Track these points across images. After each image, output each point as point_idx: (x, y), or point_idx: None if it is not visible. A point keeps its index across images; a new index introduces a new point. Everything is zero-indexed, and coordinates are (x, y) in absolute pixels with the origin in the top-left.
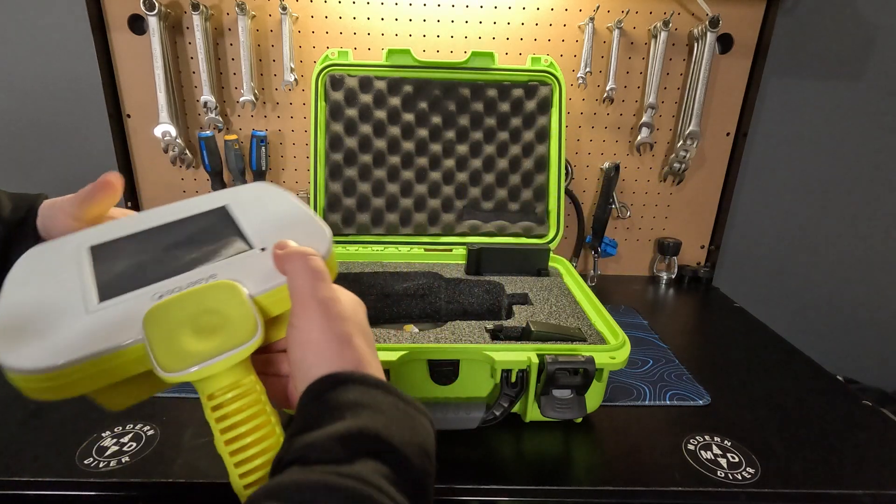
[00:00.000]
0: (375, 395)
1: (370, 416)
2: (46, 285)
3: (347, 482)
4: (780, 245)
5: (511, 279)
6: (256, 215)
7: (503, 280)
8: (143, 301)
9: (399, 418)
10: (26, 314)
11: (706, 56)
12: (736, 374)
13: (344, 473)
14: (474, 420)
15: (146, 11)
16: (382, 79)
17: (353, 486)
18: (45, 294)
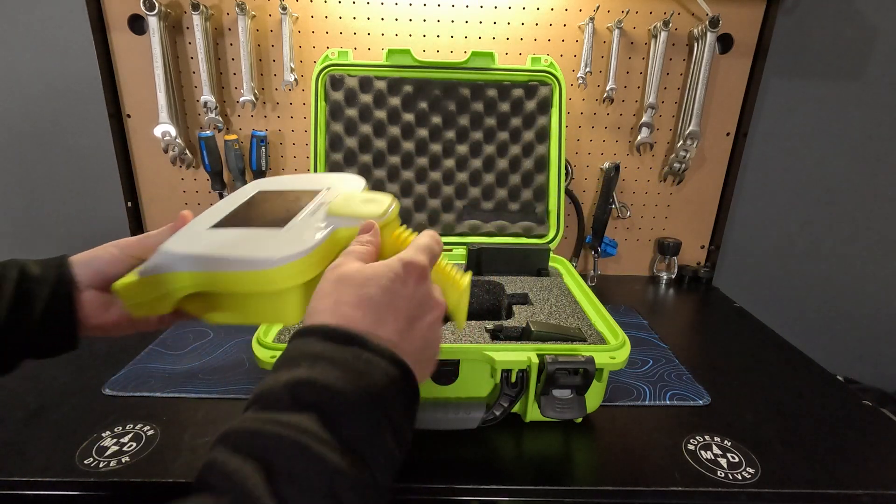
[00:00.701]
0: (340, 348)
1: (324, 367)
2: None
3: (286, 430)
4: (780, 245)
5: (511, 279)
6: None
7: (503, 280)
8: (311, 217)
9: (357, 370)
10: (237, 241)
11: (706, 56)
12: (736, 374)
13: (284, 422)
14: (474, 420)
15: (146, 11)
16: (382, 79)
17: (291, 435)
18: (238, 231)
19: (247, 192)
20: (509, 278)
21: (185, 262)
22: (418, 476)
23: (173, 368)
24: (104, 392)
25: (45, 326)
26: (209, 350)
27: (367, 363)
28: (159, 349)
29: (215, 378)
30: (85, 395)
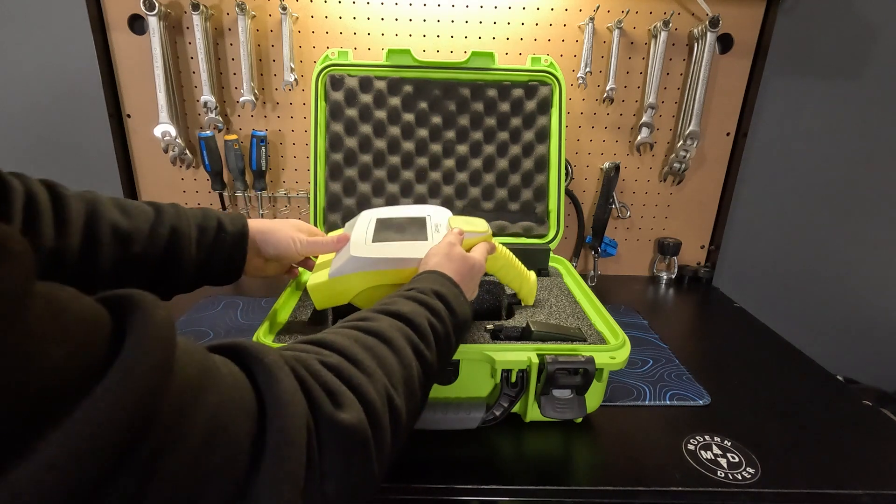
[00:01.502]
0: (451, 285)
1: (447, 289)
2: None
3: (434, 302)
4: (780, 245)
5: None
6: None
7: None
8: (439, 232)
9: (458, 298)
10: (403, 248)
11: (706, 56)
12: (736, 374)
13: (430, 302)
14: (474, 420)
15: (146, 11)
16: (382, 79)
17: (436, 305)
18: (398, 242)
19: (369, 218)
20: None
21: (369, 263)
22: (418, 476)
23: None
24: None
25: (224, 268)
26: None
27: (462, 301)
28: None
29: None
30: None
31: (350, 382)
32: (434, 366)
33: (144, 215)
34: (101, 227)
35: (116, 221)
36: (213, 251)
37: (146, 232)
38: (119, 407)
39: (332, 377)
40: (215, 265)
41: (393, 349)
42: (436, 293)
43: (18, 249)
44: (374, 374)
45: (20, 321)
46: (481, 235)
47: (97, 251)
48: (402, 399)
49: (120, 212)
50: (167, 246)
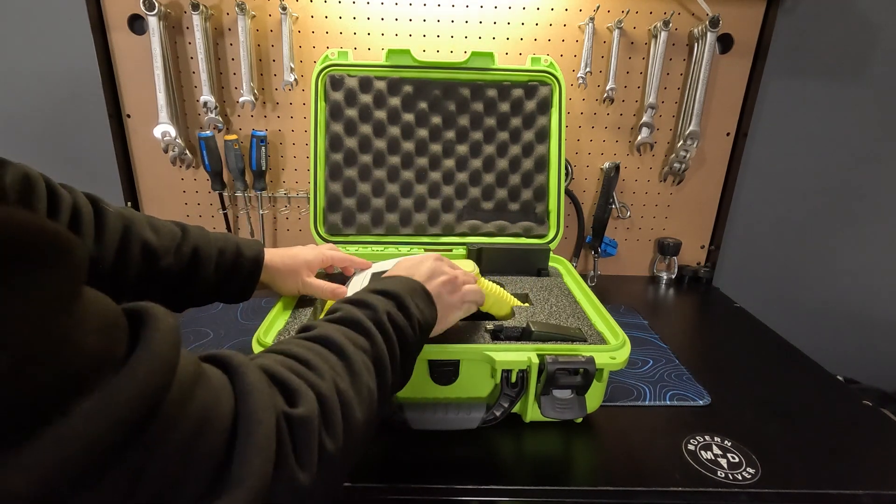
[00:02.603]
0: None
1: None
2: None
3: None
4: (780, 245)
5: (511, 279)
6: None
7: (503, 280)
8: None
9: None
10: None
11: (706, 56)
12: (736, 374)
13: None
14: (474, 420)
15: (146, 11)
16: (382, 79)
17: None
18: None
19: (365, 274)
20: (509, 278)
21: None
22: (418, 476)
23: None
24: None
25: (237, 291)
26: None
27: (432, 311)
28: None
29: None
30: None
31: (305, 379)
32: (385, 359)
33: (171, 234)
34: (133, 243)
35: (147, 239)
36: (229, 274)
37: (172, 250)
38: (135, 392)
39: (289, 374)
40: (230, 287)
41: (336, 350)
42: (380, 292)
43: (77, 251)
44: (324, 372)
45: (73, 310)
46: (474, 270)
47: (127, 263)
48: (354, 394)
49: (151, 230)
50: (189, 264)
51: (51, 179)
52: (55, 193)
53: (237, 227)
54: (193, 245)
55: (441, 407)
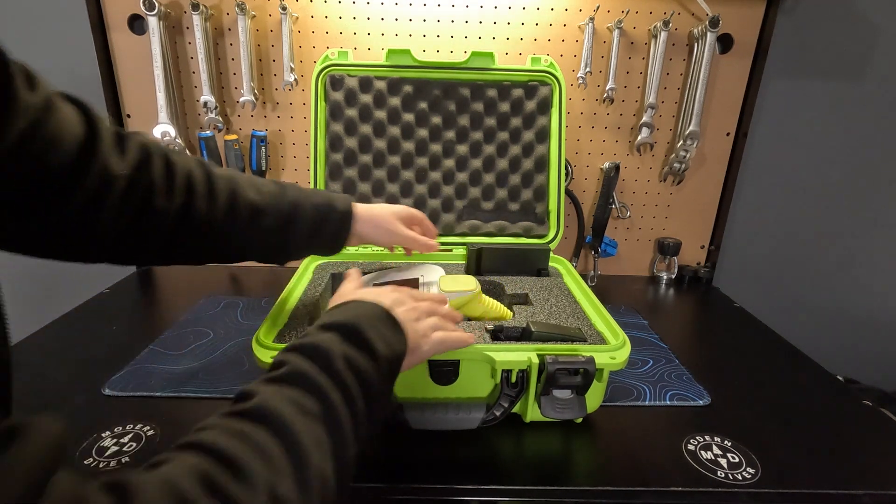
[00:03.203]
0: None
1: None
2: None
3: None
4: (780, 245)
5: (511, 279)
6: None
7: (503, 280)
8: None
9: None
10: None
11: (706, 56)
12: (736, 374)
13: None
14: (474, 420)
15: (146, 11)
16: (382, 79)
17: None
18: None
19: (365, 282)
20: (509, 278)
21: None
22: (418, 476)
23: (173, 368)
24: (104, 392)
25: (329, 242)
26: (209, 350)
27: (400, 340)
28: (159, 349)
29: (215, 378)
30: (85, 395)
31: (227, 497)
32: (345, 422)
33: (272, 193)
34: (240, 203)
35: (252, 199)
36: (322, 226)
37: (273, 205)
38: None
39: (202, 495)
40: (323, 238)
41: (277, 430)
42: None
43: None
44: (256, 479)
45: None
46: (469, 294)
47: (235, 221)
48: (299, 494)
49: (255, 191)
50: (287, 219)
51: (167, 148)
52: (170, 162)
53: None
54: (291, 200)
55: (441, 407)
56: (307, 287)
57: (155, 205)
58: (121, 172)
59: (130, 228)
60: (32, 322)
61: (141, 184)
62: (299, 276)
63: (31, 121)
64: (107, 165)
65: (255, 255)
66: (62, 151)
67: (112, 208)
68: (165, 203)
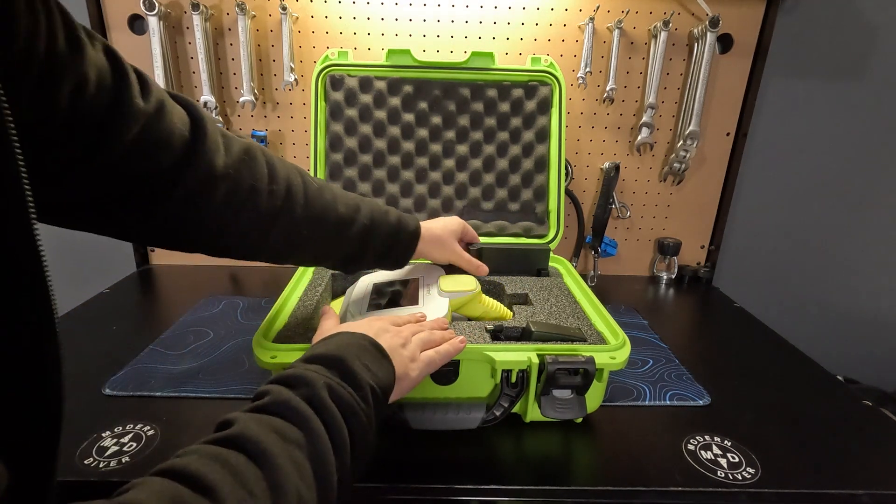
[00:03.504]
0: (379, 356)
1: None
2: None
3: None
4: (780, 245)
5: (511, 279)
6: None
7: (503, 280)
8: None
9: (372, 360)
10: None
11: (706, 56)
12: (736, 374)
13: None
14: (474, 420)
15: (146, 11)
16: (382, 79)
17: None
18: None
19: (366, 284)
20: (509, 278)
21: None
22: (418, 476)
23: (173, 368)
24: (104, 392)
25: (395, 261)
26: (209, 350)
27: (387, 368)
28: (159, 349)
29: (215, 378)
30: (85, 395)
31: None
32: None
33: (354, 206)
34: (331, 215)
35: (341, 212)
36: (394, 245)
37: (356, 220)
38: None
39: None
40: (393, 257)
41: (256, 456)
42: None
43: None
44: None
45: None
46: (469, 294)
47: (323, 231)
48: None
49: (343, 204)
50: (364, 237)
51: (269, 152)
52: (272, 165)
53: None
54: (369, 217)
55: (441, 407)
56: (307, 287)
57: (256, 204)
58: (225, 171)
59: (231, 224)
60: None
61: (244, 183)
62: (299, 276)
63: (143, 125)
64: (211, 163)
65: (328, 263)
66: (170, 151)
67: (214, 204)
68: (267, 203)
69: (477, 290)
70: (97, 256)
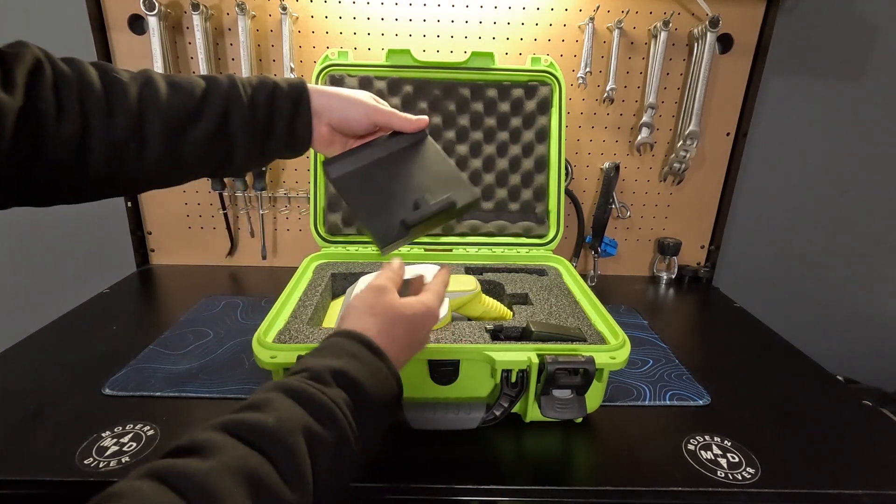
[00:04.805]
0: (369, 355)
1: (357, 366)
2: None
3: (324, 397)
4: (781, 245)
5: (511, 279)
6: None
7: (503, 280)
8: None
9: (375, 375)
10: None
11: (706, 56)
12: (736, 374)
13: (324, 391)
14: (474, 420)
15: (146, 11)
16: (382, 79)
17: (327, 400)
18: None
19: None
20: (509, 278)
21: None
22: (418, 476)
23: (173, 368)
24: (104, 392)
25: (287, 134)
26: (209, 350)
27: (385, 377)
28: (159, 349)
29: (215, 378)
30: (85, 395)
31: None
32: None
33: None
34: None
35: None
36: (273, 110)
37: (199, 110)
38: None
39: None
40: (278, 124)
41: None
42: (336, 373)
43: None
44: None
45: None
46: (469, 294)
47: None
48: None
49: (173, 95)
50: (222, 118)
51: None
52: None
53: (237, 227)
54: (223, 95)
55: (441, 407)
56: (307, 287)
57: (47, 136)
58: (10, 106)
59: (30, 165)
60: (33, 322)
61: (32, 114)
62: (299, 276)
63: None
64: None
65: (191, 173)
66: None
67: (5, 147)
68: (56, 131)
69: (477, 289)
70: (97, 256)
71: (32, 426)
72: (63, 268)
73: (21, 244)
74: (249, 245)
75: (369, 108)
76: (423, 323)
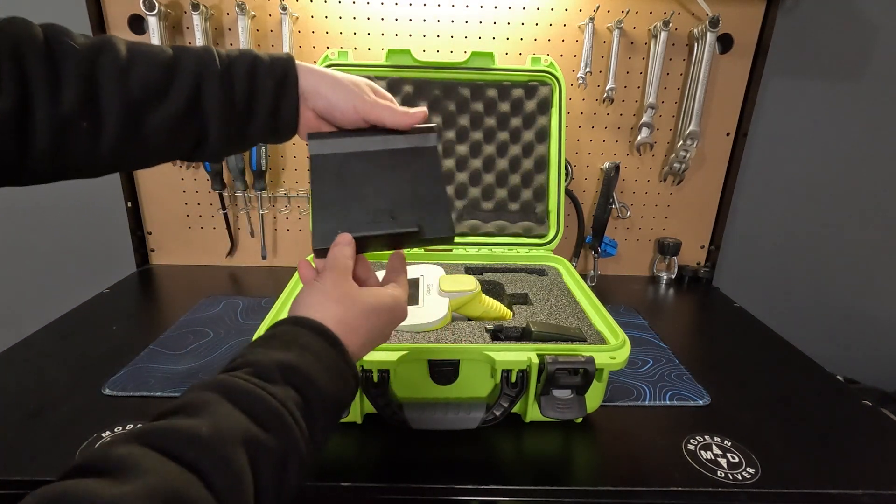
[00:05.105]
0: (325, 347)
1: (310, 360)
2: None
3: (270, 399)
4: (781, 245)
5: (511, 279)
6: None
7: (503, 280)
8: (430, 296)
9: (331, 370)
10: None
11: (706, 56)
12: (736, 374)
13: (270, 391)
14: (474, 420)
15: (146, 11)
16: (382, 79)
17: (273, 403)
18: None
19: None
20: (509, 278)
21: None
22: (418, 476)
23: (173, 368)
24: (104, 392)
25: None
26: (209, 350)
27: (341, 372)
28: (159, 349)
29: None
30: (85, 395)
31: None
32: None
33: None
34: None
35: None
36: (252, 90)
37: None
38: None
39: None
40: (258, 113)
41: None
42: (285, 368)
43: None
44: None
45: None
46: (469, 294)
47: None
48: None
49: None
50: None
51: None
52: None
53: (237, 227)
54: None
55: (441, 407)
56: None
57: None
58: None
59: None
60: (32, 322)
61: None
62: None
63: None
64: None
65: (157, 156)
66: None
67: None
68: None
69: (477, 289)
70: (97, 256)
71: (32, 426)
72: (63, 268)
73: (21, 244)
74: (249, 245)
75: (357, 99)
76: (390, 316)
